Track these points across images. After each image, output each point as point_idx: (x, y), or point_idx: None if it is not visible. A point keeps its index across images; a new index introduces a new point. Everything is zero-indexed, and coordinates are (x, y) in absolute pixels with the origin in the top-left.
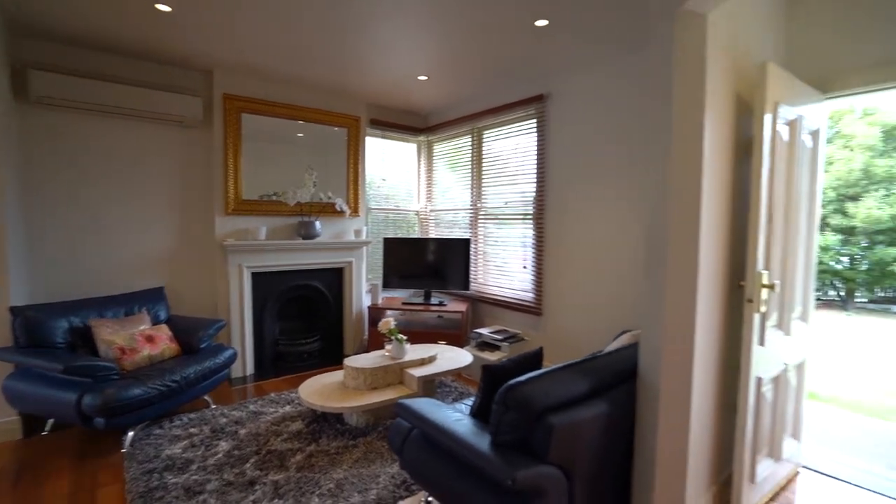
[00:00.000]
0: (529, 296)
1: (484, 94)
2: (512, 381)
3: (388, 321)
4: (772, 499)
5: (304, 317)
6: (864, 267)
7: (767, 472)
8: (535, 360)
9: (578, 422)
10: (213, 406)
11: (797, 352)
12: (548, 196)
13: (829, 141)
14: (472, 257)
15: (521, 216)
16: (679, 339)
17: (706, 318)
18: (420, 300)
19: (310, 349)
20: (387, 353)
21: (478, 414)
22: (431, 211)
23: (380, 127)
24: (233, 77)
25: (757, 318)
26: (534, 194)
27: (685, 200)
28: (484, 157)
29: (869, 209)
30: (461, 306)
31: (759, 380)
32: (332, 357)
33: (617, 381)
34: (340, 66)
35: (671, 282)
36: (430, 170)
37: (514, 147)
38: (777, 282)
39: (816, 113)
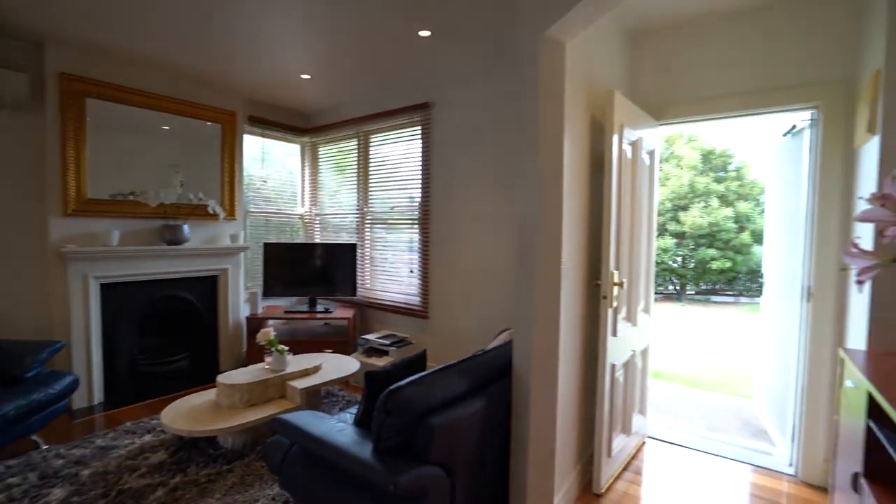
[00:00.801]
0: (416, 300)
1: (370, 99)
2: (393, 386)
3: (268, 331)
4: (624, 468)
5: (171, 332)
6: (691, 265)
7: (621, 445)
8: (418, 362)
9: (458, 420)
10: (45, 446)
11: (642, 339)
12: (433, 201)
13: (665, 160)
14: (359, 262)
15: (409, 221)
16: (546, 335)
17: (569, 315)
18: (305, 308)
19: (178, 368)
20: (267, 366)
21: (361, 422)
22: (317, 215)
23: (259, 125)
24: (73, 54)
25: (610, 312)
26: (420, 199)
27: (550, 209)
28: (371, 161)
29: (694, 218)
30: (348, 312)
31: (613, 366)
32: (204, 375)
33: (494, 377)
34: (214, 54)
35: (539, 283)
36: (314, 172)
37: (400, 152)
38: (625, 280)
39: (653, 136)
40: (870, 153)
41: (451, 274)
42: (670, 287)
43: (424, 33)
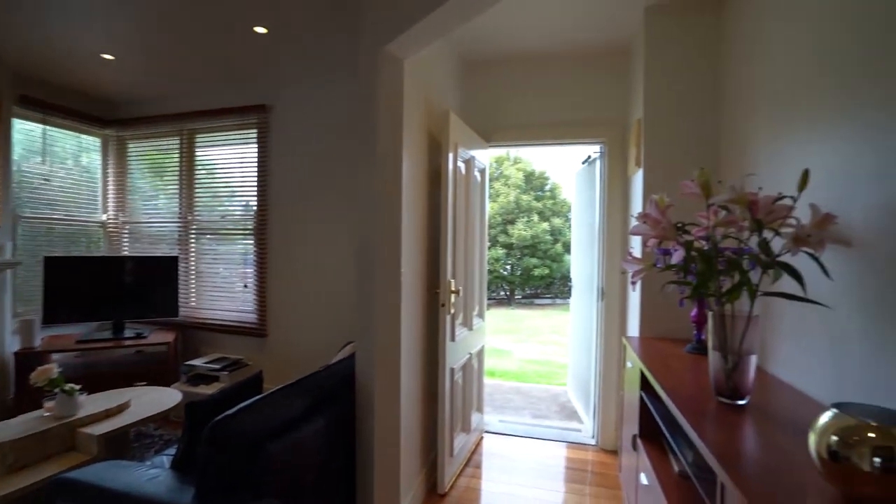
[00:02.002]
0: (252, 316)
1: (197, 94)
2: (219, 417)
3: (49, 368)
4: (465, 464)
5: None
6: (518, 272)
7: (462, 443)
8: (253, 385)
9: (298, 442)
10: None
11: (477, 342)
12: (271, 210)
13: (495, 179)
14: (182, 278)
15: (243, 231)
16: (388, 345)
17: (410, 323)
18: (108, 334)
19: None
20: (47, 413)
21: (181, 463)
22: (125, 223)
23: (38, 108)
24: None
25: (449, 318)
26: (256, 208)
27: (389, 220)
28: (197, 163)
29: (520, 230)
30: (168, 336)
31: (453, 369)
32: None
33: (337, 392)
34: None
35: (380, 294)
36: (122, 172)
37: (233, 156)
38: (461, 288)
39: (483, 156)
40: (637, 181)
41: (291, 287)
42: (501, 293)
43: (261, 30)
